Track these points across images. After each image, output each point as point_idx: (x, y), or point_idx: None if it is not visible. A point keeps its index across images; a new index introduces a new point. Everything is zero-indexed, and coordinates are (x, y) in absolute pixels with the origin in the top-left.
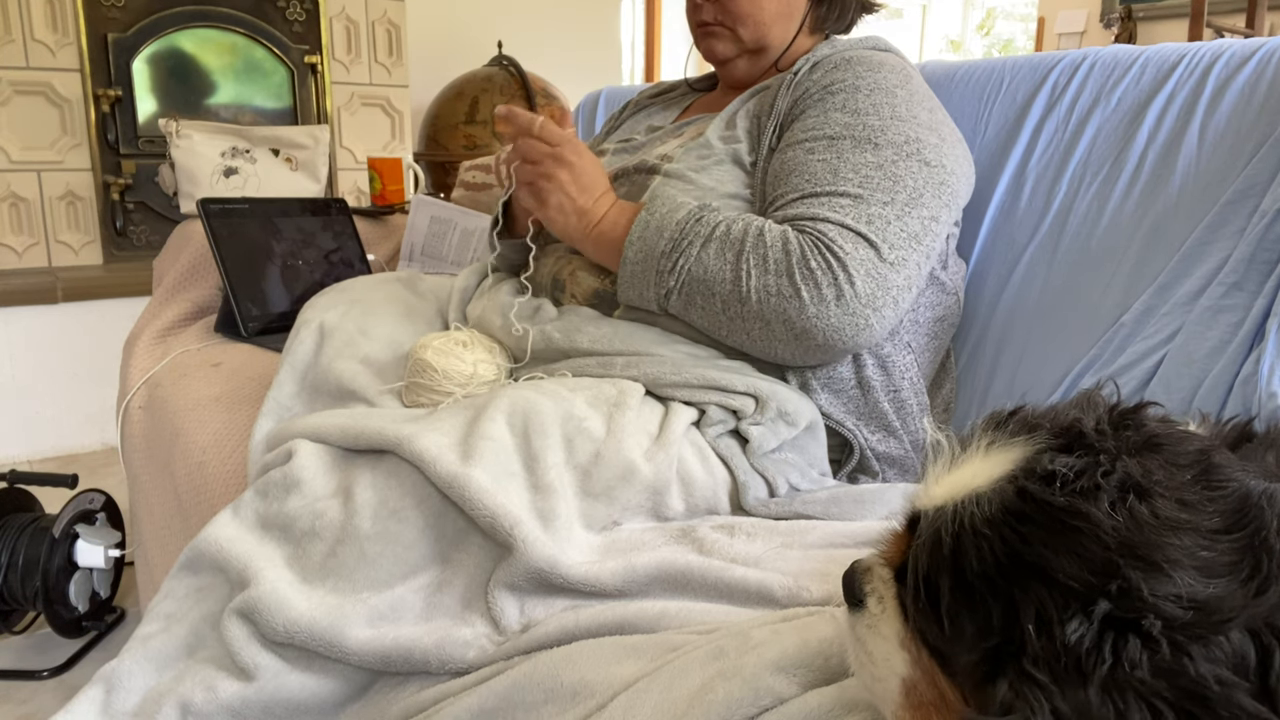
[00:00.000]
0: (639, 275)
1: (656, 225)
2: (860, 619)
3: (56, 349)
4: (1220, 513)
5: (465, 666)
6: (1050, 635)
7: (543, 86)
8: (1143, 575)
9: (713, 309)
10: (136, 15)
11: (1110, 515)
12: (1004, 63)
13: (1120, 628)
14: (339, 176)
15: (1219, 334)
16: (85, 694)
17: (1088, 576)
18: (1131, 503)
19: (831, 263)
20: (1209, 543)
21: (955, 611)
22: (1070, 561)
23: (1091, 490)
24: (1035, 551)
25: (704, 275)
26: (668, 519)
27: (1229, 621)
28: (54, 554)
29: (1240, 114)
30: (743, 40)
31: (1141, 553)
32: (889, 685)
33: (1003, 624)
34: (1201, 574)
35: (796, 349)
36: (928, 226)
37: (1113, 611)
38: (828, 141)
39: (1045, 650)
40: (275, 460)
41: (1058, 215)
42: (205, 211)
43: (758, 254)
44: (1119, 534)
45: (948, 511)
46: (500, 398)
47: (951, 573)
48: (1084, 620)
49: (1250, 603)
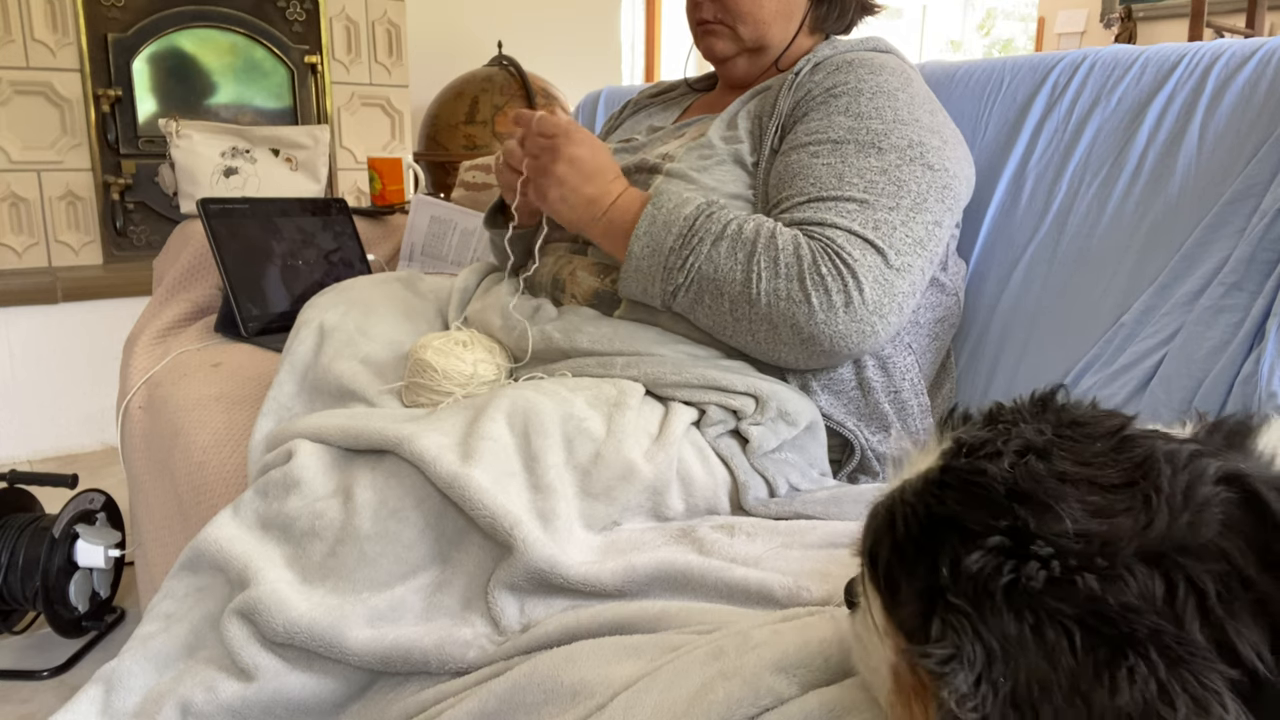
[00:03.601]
0: (644, 270)
1: (664, 220)
2: (856, 617)
3: (56, 349)
4: (1122, 470)
5: (465, 667)
6: (959, 570)
7: (543, 86)
8: (1032, 514)
9: (720, 309)
10: (136, 15)
11: (1005, 471)
12: (1004, 63)
13: (1015, 555)
14: (339, 176)
15: (1219, 334)
16: (85, 694)
17: (987, 519)
18: (1029, 460)
19: (842, 270)
20: (1104, 492)
21: (893, 574)
22: (974, 511)
23: (994, 454)
24: (948, 508)
25: (714, 274)
26: (668, 519)
27: (1118, 551)
28: (54, 554)
29: (1240, 114)
30: (742, 39)
31: (1033, 498)
32: (882, 674)
33: (927, 572)
34: (1093, 515)
35: (801, 354)
36: (931, 232)
37: (1004, 543)
38: (832, 145)
39: (959, 584)
40: (275, 460)
41: (1058, 215)
42: (205, 211)
43: (769, 256)
44: (1010, 484)
45: (888, 494)
46: (500, 398)
47: (889, 542)
48: (983, 552)
49: (1139, 534)
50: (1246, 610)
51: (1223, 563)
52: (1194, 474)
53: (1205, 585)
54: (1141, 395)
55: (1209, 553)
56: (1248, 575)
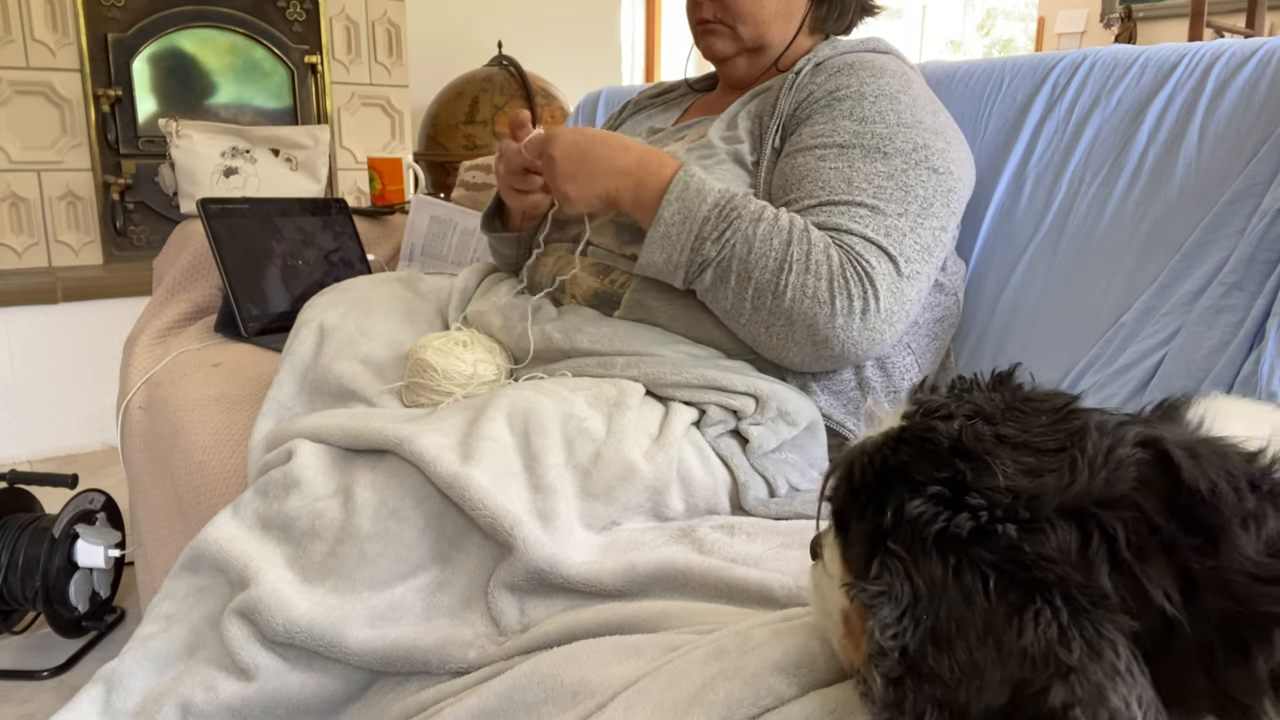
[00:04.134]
0: (673, 238)
1: (697, 187)
2: (816, 567)
3: (56, 349)
4: (1058, 436)
5: (465, 666)
6: (901, 515)
7: (543, 86)
8: (970, 469)
9: (743, 294)
10: (136, 15)
11: (953, 430)
12: (1004, 63)
13: (951, 505)
14: (339, 176)
15: (1219, 334)
16: (85, 694)
17: (931, 471)
18: (976, 423)
19: (863, 278)
20: (1039, 455)
21: (846, 519)
22: (921, 463)
23: (946, 416)
24: (900, 460)
25: (748, 255)
26: (668, 519)
27: (1041, 505)
28: (54, 554)
29: (1240, 114)
30: (742, 38)
31: (973, 455)
32: (835, 619)
33: (874, 516)
34: (1026, 474)
35: (810, 355)
36: (937, 237)
37: (942, 493)
38: (838, 150)
39: (899, 530)
40: (275, 460)
41: (1058, 215)
42: (205, 211)
43: (802, 249)
44: (955, 441)
45: (852, 448)
46: (500, 398)
47: (846, 489)
48: (923, 500)
49: (1061, 491)
50: (1157, 555)
51: (1134, 512)
52: (1115, 438)
53: (1116, 532)
54: (1141, 395)
55: (1122, 504)
56: (1156, 523)
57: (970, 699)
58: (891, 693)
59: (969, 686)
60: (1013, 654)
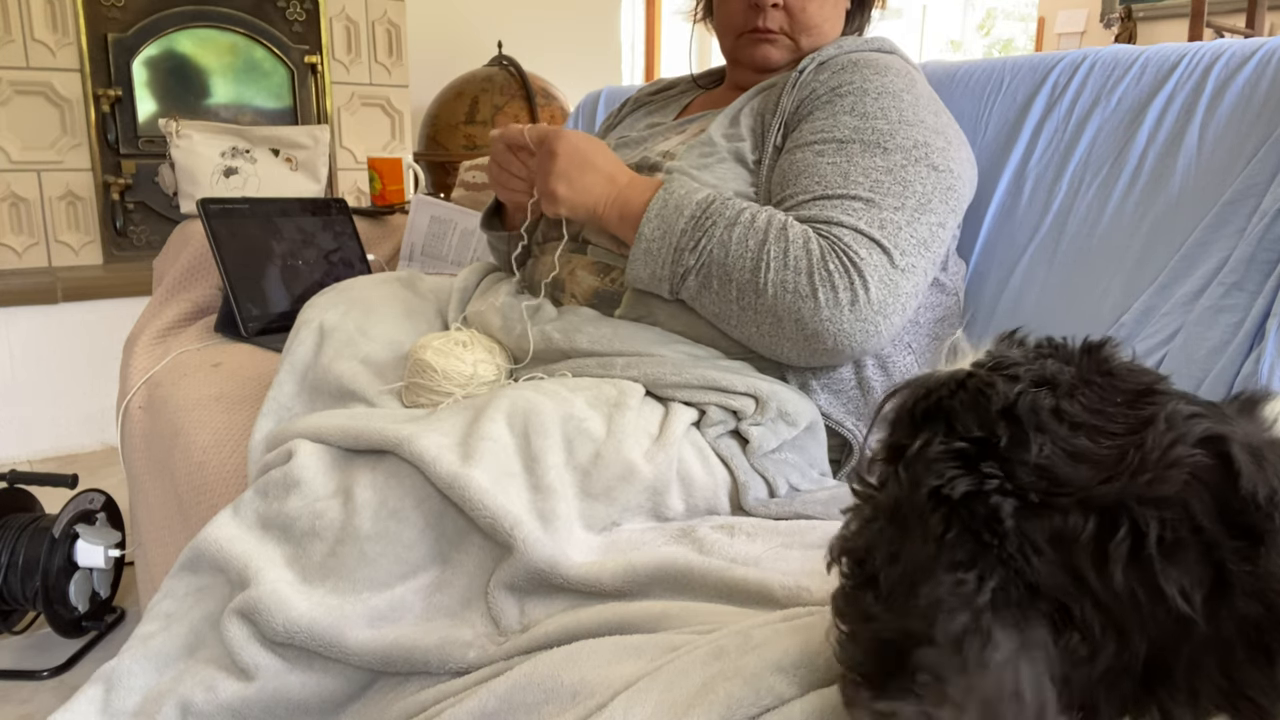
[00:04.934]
0: (654, 253)
1: (676, 203)
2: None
3: (56, 349)
4: (1124, 423)
5: (465, 667)
6: (922, 454)
7: (543, 86)
8: (1009, 436)
9: (727, 296)
10: (136, 15)
11: (1010, 393)
12: (1004, 63)
13: (967, 462)
14: (339, 176)
15: (1219, 334)
16: (85, 693)
17: (971, 425)
18: (1039, 393)
19: (849, 268)
20: (1096, 439)
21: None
22: (967, 414)
23: (1011, 377)
24: (950, 404)
25: (725, 259)
26: (668, 519)
27: (1065, 496)
28: (54, 554)
29: (1240, 114)
30: (801, 49)
31: (1020, 424)
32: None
33: (906, 440)
34: (1069, 457)
35: (804, 350)
36: (935, 233)
37: (966, 450)
38: (837, 145)
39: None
40: (275, 460)
41: (1058, 215)
42: (205, 211)
43: (779, 246)
44: (1007, 405)
45: (921, 376)
46: (500, 398)
47: (897, 408)
48: (948, 448)
49: (1091, 487)
50: (1190, 554)
51: (1177, 511)
52: (1179, 434)
53: (1148, 529)
54: None
55: (1166, 503)
56: (1200, 523)
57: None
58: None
59: (891, 601)
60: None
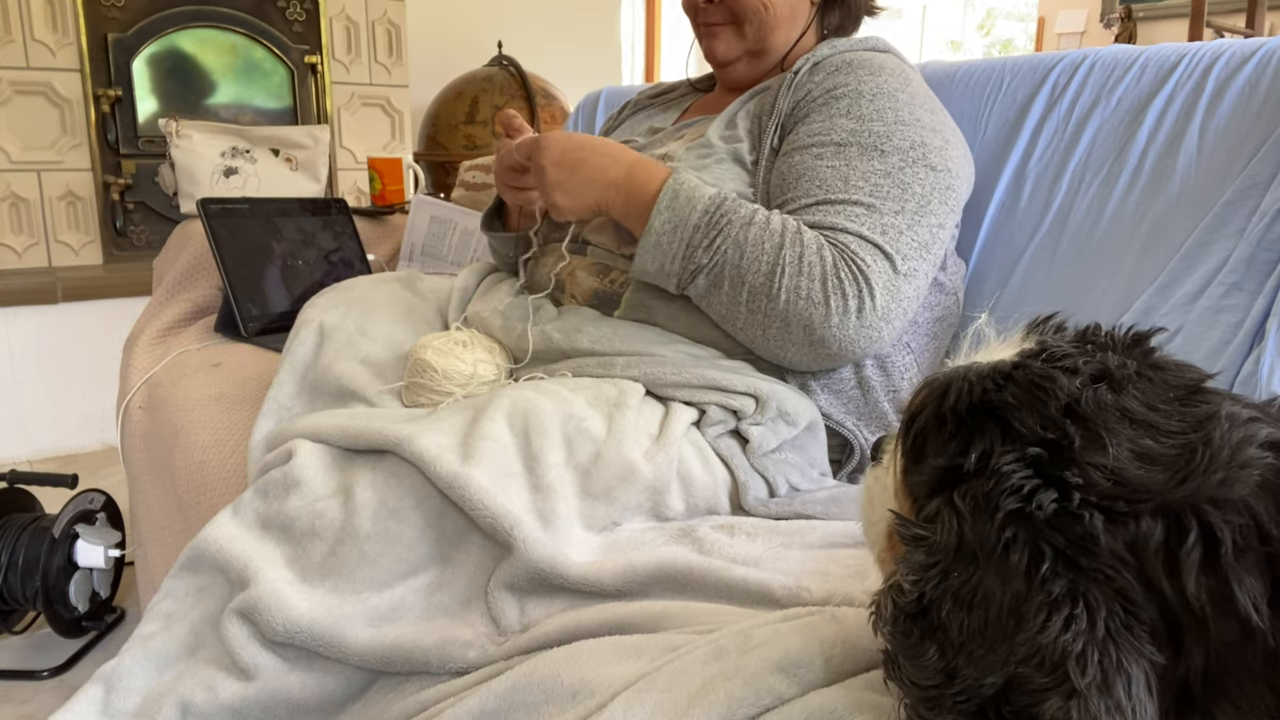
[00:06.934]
0: (664, 246)
1: (686, 196)
2: (873, 470)
3: (56, 349)
4: (1184, 420)
5: (465, 666)
6: (986, 466)
7: (543, 86)
8: (1081, 438)
9: (737, 299)
10: (136, 15)
11: (1074, 387)
12: (1004, 63)
13: (1044, 472)
14: (339, 176)
15: (1219, 334)
16: (85, 693)
17: (1036, 426)
18: (1100, 388)
19: (858, 276)
20: (1158, 439)
21: (923, 441)
22: (1027, 413)
23: (1070, 370)
24: (1004, 399)
25: (740, 260)
26: (668, 519)
27: (1143, 501)
28: (54, 554)
29: (1240, 114)
30: (746, 39)
31: (1089, 422)
32: (879, 529)
33: (955, 453)
34: (1138, 459)
35: (808, 355)
36: (935, 234)
37: (1043, 455)
38: (835, 148)
39: (977, 482)
40: (275, 460)
41: (1058, 215)
42: (205, 211)
43: (794, 251)
44: (1072, 401)
45: (953, 369)
46: (500, 398)
47: (935, 409)
48: (1019, 456)
49: (1167, 490)
50: (1257, 563)
51: (1247, 517)
52: (1244, 436)
53: (1222, 535)
54: None
55: (1237, 507)
56: (1268, 531)
57: (968, 665)
58: (900, 624)
59: (971, 653)
60: (1025, 646)
